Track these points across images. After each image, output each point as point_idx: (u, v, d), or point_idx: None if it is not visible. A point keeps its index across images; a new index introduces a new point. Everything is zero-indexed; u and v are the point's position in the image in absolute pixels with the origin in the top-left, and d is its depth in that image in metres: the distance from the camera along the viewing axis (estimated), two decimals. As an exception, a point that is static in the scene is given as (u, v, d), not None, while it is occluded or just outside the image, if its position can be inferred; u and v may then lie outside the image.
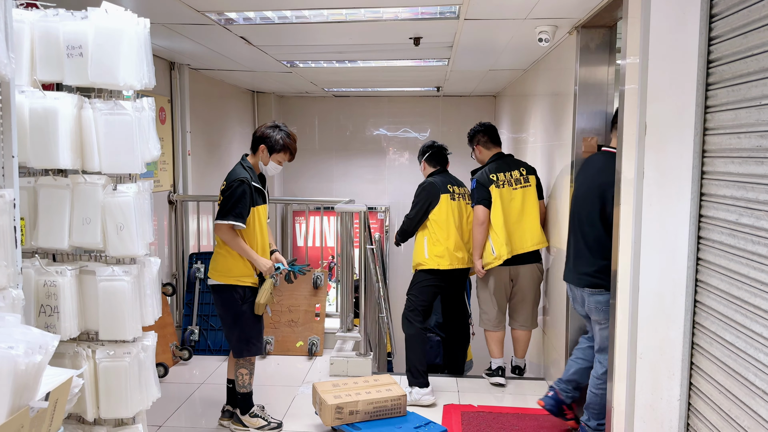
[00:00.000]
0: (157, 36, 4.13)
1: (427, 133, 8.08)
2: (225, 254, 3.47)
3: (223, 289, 3.47)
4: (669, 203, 2.67)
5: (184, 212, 5.30)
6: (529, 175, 4.31)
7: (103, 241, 2.14)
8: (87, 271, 2.17)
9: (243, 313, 3.51)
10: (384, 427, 3.45)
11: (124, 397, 2.17)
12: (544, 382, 4.46)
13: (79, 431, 2.17)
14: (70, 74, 2.09)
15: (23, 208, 2.13)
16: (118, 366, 2.15)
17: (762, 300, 2.14)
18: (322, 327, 5.10)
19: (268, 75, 5.97)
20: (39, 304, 2.08)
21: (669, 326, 2.72)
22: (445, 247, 4.18)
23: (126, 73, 2.07)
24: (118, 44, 2.05)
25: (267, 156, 3.55)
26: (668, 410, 2.76)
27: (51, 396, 1.52)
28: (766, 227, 2.12)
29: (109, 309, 2.13)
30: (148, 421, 3.77)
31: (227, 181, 3.44)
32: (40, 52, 2.09)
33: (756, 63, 2.20)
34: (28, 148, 2.05)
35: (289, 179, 8.18)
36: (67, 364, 2.13)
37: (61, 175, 2.17)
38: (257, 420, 3.60)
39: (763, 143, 2.15)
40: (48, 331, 2.10)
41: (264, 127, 3.59)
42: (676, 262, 2.69)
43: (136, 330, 2.19)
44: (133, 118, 2.10)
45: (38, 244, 2.13)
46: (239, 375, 3.57)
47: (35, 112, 2.04)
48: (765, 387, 2.11)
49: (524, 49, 4.45)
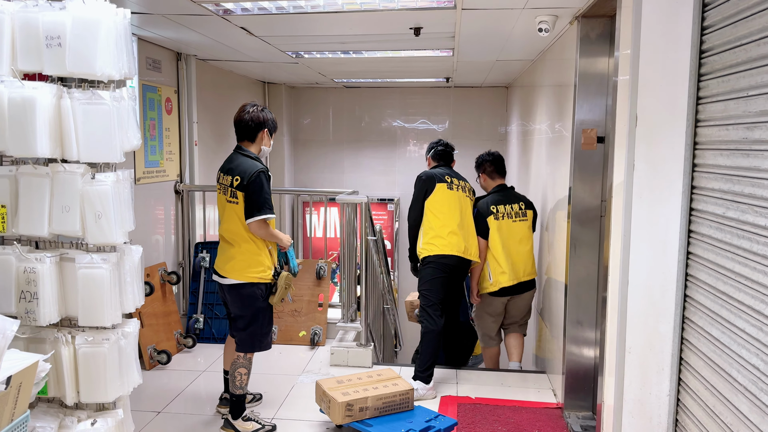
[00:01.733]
0: (160, 27, 4.17)
1: (445, 124, 8.04)
2: (245, 252, 3.39)
3: (243, 287, 3.40)
4: (660, 196, 2.63)
5: (190, 202, 5.35)
6: (528, 210, 4.52)
7: (82, 229, 2.17)
8: (67, 258, 2.21)
9: (263, 310, 3.47)
10: (395, 422, 3.43)
11: (103, 382, 2.20)
12: (545, 376, 4.43)
13: (60, 415, 2.21)
14: (49, 64, 2.12)
15: (4, 195, 2.17)
16: (96, 352, 2.19)
17: (745, 295, 2.10)
18: (324, 317, 5.13)
19: (277, 66, 5.98)
20: (19, 290, 2.13)
21: (658, 321, 2.68)
22: (436, 234, 4.11)
23: (103, 63, 2.09)
24: (95, 34, 2.07)
25: (269, 138, 3.57)
26: (657, 405, 2.73)
27: (14, 379, 1.55)
28: (750, 221, 2.07)
29: (88, 296, 2.16)
30: (147, 407, 3.87)
31: (244, 175, 3.33)
32: (21, 42, 2.12)
33: (744, 53, 2.14)
34: (7, 136, 2.08)
35: (300, 170, 8.22)
36: (48, 349, 2.17)
37: (42, 164, 2.21)
38: (251, 424, 3.50)
39: (749, 135, 2.10)
40: (28, 317, 2.15)
41: (252, 113, 3.50)
42: (666, 256, 2.65)
43: (116, 317, 2.22)
44: (111, 108, 2.12)
45: (19, 231, 2.18)
46: (237, 374, 3.45)
47: (14, 102, 2.07)
48: (747, 383, 2.07)
49: (527, 40, 4.39)
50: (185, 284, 5.32)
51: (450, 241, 4.11)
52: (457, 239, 4.13)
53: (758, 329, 2.01)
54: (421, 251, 4.18)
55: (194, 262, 5.26)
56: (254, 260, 3.41)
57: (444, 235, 4.11)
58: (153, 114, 4.83)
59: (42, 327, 2.22)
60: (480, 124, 7.92)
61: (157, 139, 4.91)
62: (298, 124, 8.28)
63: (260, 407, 3.89)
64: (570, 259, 3.67)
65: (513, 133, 7.01)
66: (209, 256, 5.19)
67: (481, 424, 3.66)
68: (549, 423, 3.69)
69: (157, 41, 4.72)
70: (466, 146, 7.98)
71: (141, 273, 2.40)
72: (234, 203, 3.38)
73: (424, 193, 4.20)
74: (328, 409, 3.48)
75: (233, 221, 3.41)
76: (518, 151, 6.45)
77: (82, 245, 2.27)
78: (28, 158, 2.18)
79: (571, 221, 3.66)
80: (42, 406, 2.29)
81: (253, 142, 3.53)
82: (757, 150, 2.06)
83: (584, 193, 3.65)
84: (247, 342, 3.48)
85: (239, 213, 3.36)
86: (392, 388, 3.58)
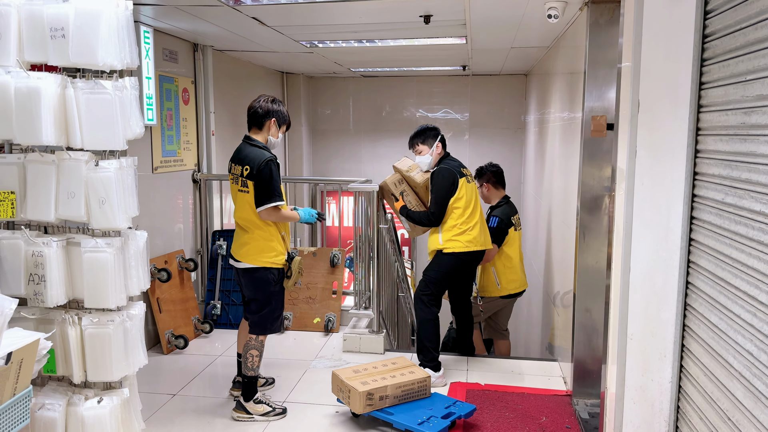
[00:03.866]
0: (175, 18, 4.24)
1: (465, 114, 8.03)
2: (258, 238, 3.51)
3: (256, 271, 3.53)
4: (662, 182, 2.61)
5: (207, 191, 5.45)
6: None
7: (86, 215, 2.25)
8: (73, 242, 2.29)
9: (276, 293, 3.60)
10: (416, 410, 3.46)
11: (108, 362, 2.29)
12: (556, 364, 4.43)
13: (69, 393, 2.31)
14: (54, 55, 2.20)
15: (13, 182, 2.26)
16: (102, 333, 2.27)
17: (741, 281, 2.08)
18: (338, 304, 5.19)
19: (293, 56, 6.03)
20: (28, 273, 2.22)
21: (660, 308, 2.67)
22: (461, 231, 4.08)
23: (105, 53, 2.16)
24: (97, 25, 2.13)
25: (277, 129, 3.64)
26: (659, 392, 2.72)
27: (14, 356, 1.63)
28: (747, 206, 2.06)
29: (93, 279, 2.25)
30: (163, 389, 3.98)
31: (253, 165, 3.42)
32: (27, 34, 2.20)
33: (743, 37, 2.12)
34: (14, 125, 2.17)
35: (319, 161, 8.28)
36: (56, 330, 2.26)
37: (48, 152, 2.29)
38: (262, 406, 3.59)
39: (747, 120, 2.08)
40: (36, 299, 2.24)
41: (262, 102, 3.59)
42: (668, 242, 2.63)
43: (120, 299, 2.30)
44: (114, 97, 2.19)
45: (27, 216, 2.27)
46: (249, 356, 3.55)
47: (20, 91, 2.15)
48: (741, 369, 2.06)
49: (539, 26, 4.36)
50: (203, 271, 5.43)
51: (473, 236, 4.11)
52: (478, 233, 4.14)
53: (752, 315, 2.00)
54: (444, 247, 4.11)
55: (212, 249, 5.37)
56: (267, 246, 3.53)
57: (468, 230, 4.11)
58: (170, 104, 4.92)
59: (50, 309, 2.31)
60: (501, 113, 7.88)
61: (174, 129, 5.00)
62: (316, 114, 8.33)
63: (272, 391, 3.97)
64: (579, 246, 3.66)
65: (531, 122, 6.97)
66: (226, 244, 5.28)
67: (488, 409, 3.68)
68: (557, 410, 3.70)
69: (173, 32, 4.81)
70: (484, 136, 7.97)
71: (146, 258, 2.48)
72: (245, 192, 3.49)
73: (451, 193, 4.10)
74: (347, 399, 3.49)
75: (245, 209, 3.52)
76: (535, 140, 6.42)
77: (88, 230, 2.35)
78: (35, 146, 2.26)
79: (580, 209, 3.65)
80: (51, 384, 2.39)
81: (261, 130, 3.62)
82: (753, 135, 2.04)
83: (593, 180, 3.64)
84: (259, 324, 3.60)
85: (250, 201, 3.47)
86: (410, 377, 3.62)
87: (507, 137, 7.92)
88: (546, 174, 5.40)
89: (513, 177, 7.91)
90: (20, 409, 1.70)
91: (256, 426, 3.52)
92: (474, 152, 7.82)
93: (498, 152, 7.90)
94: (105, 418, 2.32)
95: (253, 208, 3.46)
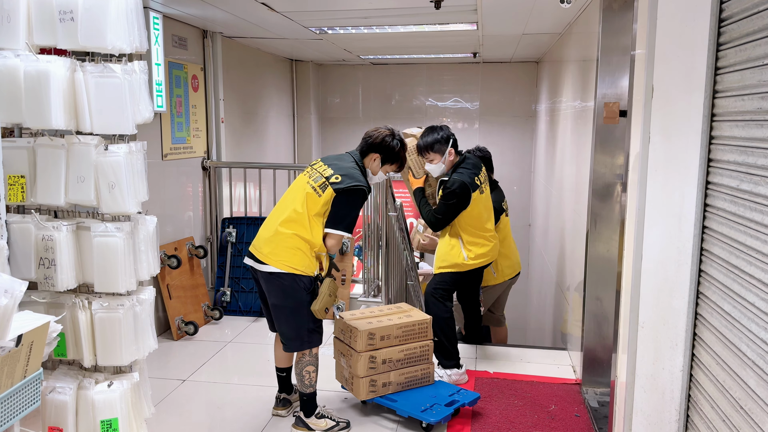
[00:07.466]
0: (185, 4, 4.23)
1: (476, 102, 7.97)
2: (296, 250, 3.09)
3: (283, 277, 3.08)
4: (676, 169, 2.58)
5: (217, 178, 5.45)
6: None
7: (96, 199, 2.25)
8: (83, 227, 2.30)
9: (306, 302, 3.14)
10: (419, 396, 3.45)
11: (118, 346, 2.30)
12: (566, 353, 4.42)
13: (79, 376, 2.32)
14: (63, 38, 2.19)
15: (23, 166, 2.26)
16: (112, 317, 2.28)
17: (755, 269, 2.06)
18: (347, 292, 5.19)
19: (302, 42, 6.01)
20: (38, 257, 2.23)
21: (672, 296, 2.64)
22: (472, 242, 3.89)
23: (114, 36, 2.15)
24: (106, 8, 2.13)
25: (378, 166, 3.27)
26: (670, 381, 2.70)
27: (25, 338, 1.63)
28: (763, 193, 2.03)
29: (102, 263, 2.25)
30: (173, 375, 4.00)
31: (346, 180, 3.08)
32: (36, 17, 2.20)
33: (761, 20, 2.08)
34: (23, 109, 2.17)
35: (329, 149, 8.26)
36: (66, 314, 2.27)
37: (58, 136, 2.29)
38: (324, 421, 3.25)
39: (763, 105, 2.04)
40: (46, 282, 2.25)
41: (381, 133, 3.26)
42: (681, 230, 2.60)
43: (130, 284, 2.30)
44: (123, 81, 2.18)
45: (37, 200, 2.27)
46: (306, 373, 3.18)
47: (29, 75, 2.15)
48: (755, 357, 2.04)
49: (552, 12, 4.32)
50: (213, 258, 5.44)
51: (484, 251, 3.93)
52: (490, 244, 3.97)
53: (767, 302, 1.97)
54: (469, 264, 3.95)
55: (221, 236, 5.38)
56: (301, 259, 3.12)
57: (481, 242, 3.91)
58: (179, 91, 4.91)
59: (60, 293, 2.32)
60: (511, 102, 7.83)
61: (184, 116, 5.00)
62: (325, 102, 8.31)
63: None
64: (590, 234, 3.63)
65: (542, 110, 6.91)
66: (236, 232, 5.29)
67: (497, 397, 3.68)
68: (566, 398, 3.69)
69: (182, 18, 4.79)
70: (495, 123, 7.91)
71: (156, 242, 2.48)
72: (317, 195, 3.10)
73: (460, 208, 3.80)
74: (352, 386, 3.45)
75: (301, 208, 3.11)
76: (546, 128, 6.37)
77: (97, 214, 2.36)
78: (45, 130, 2.26)
79: (591, 197, 3.62)
80: (63, 368, 2.41)
81: (364, 157, 3.30)
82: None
83: (605, 168, 3.60)
84: (295, 339, 3.17)
85: (315, 205, 3.10)
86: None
87: (518, 126, 7.86)
88: (557, 162, 5.36)
89: (523, 166, 7.87)
90: (31, 392, 1.71)
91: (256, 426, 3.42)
92: (484, 141, 7.75)
93: (509, 141, 7.85)
94: (115, 402, 2.34)
95: (314, 214, 3.10)
